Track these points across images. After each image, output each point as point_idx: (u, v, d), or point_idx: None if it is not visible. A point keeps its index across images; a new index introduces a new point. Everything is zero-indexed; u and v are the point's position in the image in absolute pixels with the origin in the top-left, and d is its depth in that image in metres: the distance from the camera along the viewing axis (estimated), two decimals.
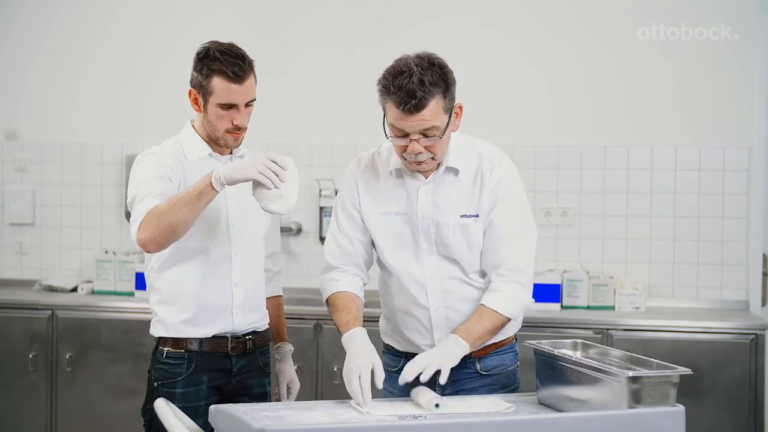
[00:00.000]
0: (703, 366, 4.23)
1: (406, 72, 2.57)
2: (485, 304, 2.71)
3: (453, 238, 2.74)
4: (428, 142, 2.62)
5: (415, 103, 2.55)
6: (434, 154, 2.67)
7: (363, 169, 2.84)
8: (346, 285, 2.81)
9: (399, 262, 2.79)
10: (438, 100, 2.59)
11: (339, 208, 2.86)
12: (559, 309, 4.65)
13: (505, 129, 4.86)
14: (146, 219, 2.68)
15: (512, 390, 2.84)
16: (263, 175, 2.59)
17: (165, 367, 2.92)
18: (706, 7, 4.82)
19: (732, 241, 4.79)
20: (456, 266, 2.77)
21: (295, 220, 5.11)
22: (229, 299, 2.94)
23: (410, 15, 5.06)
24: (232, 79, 2.82)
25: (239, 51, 2.88)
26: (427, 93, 2.56)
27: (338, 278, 2.82)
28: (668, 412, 2.29)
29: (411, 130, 2.60)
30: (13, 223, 5.41)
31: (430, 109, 2.58)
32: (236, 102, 2.85)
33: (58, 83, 5.40)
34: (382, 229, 2.80)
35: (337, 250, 2.84)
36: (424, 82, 2.56)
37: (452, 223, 2.74)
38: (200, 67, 2.86)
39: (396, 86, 2.57)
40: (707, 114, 4.84)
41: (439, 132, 2.62)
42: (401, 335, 2.85)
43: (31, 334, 4.77)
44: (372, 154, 2.87)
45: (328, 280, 2.84)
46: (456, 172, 2.76)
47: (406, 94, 2.55)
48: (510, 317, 2.73)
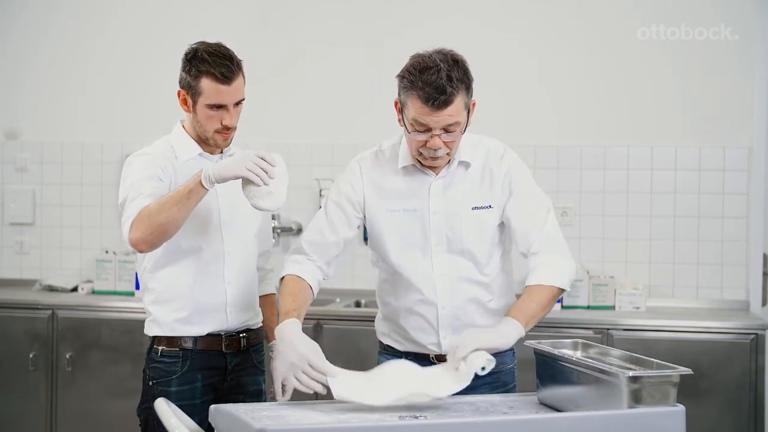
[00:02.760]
0: (703, 366, 4.23)
1: (434, 68, 2.57)
2: (529, 283, 2.69)
3: (466, 230, 2.75)
4: (449, 137, 2.64)
5: (444, 98, 2.56)
6: (451, 149, 2.68)
7: (369, 167, 2.83)
8: (305, 272, 2.77)
9: (406, 259, 2.78)
10: (462, 96, 2.61)
11: (332, 201, 2.83)
12: (560, 309, 4.65)
13: (505, 129, 4.85)
14: (137, 219, 2.70)
15: (511, 388, 2.85)
16: (252, 172, 2.61)
17: (160, 365, 2.94)
18: (706, 7, 4.82)
19: (732, 241, 4.79)
20: (467, 262, 2.78)
21: (295, 220, 5.11)
22: (222, 297, 2.96)
23: (410, 15, 5.06)
24: (220, 80, 2.83)
25: (227, 51, 2.89)
26: (455, 89, 2.58)
27: (301, 262, 2.79)
28: (668, 412, 2.29)
29: (435, 126, 2.61)
30: (13, 222, 5.41)
31: (455, 105, 2.59)
32: (225, 102, 2.86)
33: (58, 83, 5.40)
34: (389, 227, 2.79)
35: (317, 239, 2.81)
36: (452, 77, 2.57)
37: (465, 216, 2.76)
38: (188, 68, 2.88)
39: (424, 81, 2.57)
40: (707, 114, 4.83)
41: (460, 127, 2.64)
42: (403, 335, 2.84)
43: (31, 334, 4.77)
44: (374, 153, 2.86)
45: (292, 261, 2.81)
46: (467, 165, 2.78)
47: (435, 89, 2.56)
48: (560, 286, 2.69)
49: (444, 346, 2.78)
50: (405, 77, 2.63)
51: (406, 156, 2.77)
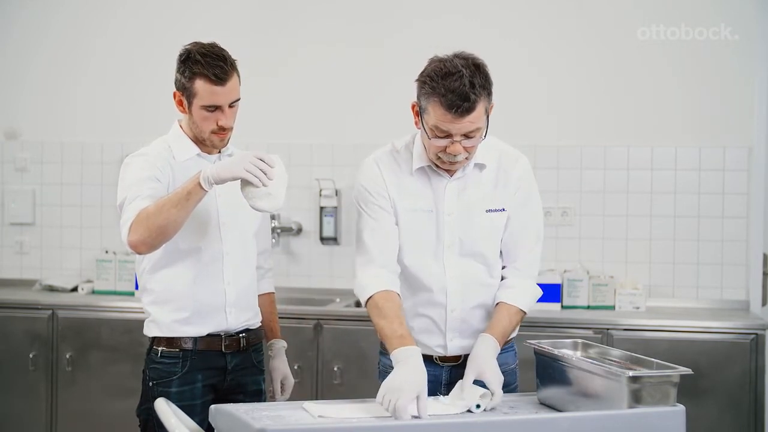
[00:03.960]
0: (703, 366, 4.23)
1: (456, 74, 2.55)
2: (507, 301, 2.75)
3: (480, 233, 2.76)
4: (469, 143, 2.62)
5: (467, 106, 2.54)
6: (470, 154, 2.67)
7: (386, 165, 2.79)
8: (388, 283, 2.69)
9: (418, 260, 2.77)
10: (484, 102, 2.59)
11: (371, 204, 2.76)
12: (560, 309, 4.65)
13: (505, 129, 4.83)
14: (136, 221, 2.70)
15: (512, 389, 2.84)
16: (251, 173, 2.61)
17: (160, 366, 2.93)
18: (706, 7, 4.82)
19: (732, 241, 4.79)
20: (478, 265, 2.78)
21: (296, 220, 5.11)
22: (222, 298, 2.95)
23: (410, 15, 5.05)
24: (214, 82, 2.83)
25: (221, 52, 2.88)
26: (477, 95, 2.56)
27: (381, 275, 2.71)
28: (668, 412, 2.29)
29: (456, 132, 2.59)
30: (13, 222, 5.41)
31: (477, 112, 2.57)
32: (220, 103, 2.86)
33: (58, 83, 5.40)
34: (404, 226, 2.77)
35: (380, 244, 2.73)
36: (474, 84, 2.55)
37: (479, 219, 2.76)
38: (182, 69, 2.87)
39: (446, 88, 2.54)
40: (707, 114, 4.83)
41: (481, 133, 2.63)
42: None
43: (31, 334, 4.77)
44: (389, 152, 2.82)
45: (370, 276, 2.70)
46: (482, 167, 2.77)
47: (458, 96, 2.54)
48: (527, 312, 2.79)
49: (450, 348, 2.79)
50: (426, 82, 2.59)
51: (421, 157, 2.75)
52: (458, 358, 2.79)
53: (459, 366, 2.74)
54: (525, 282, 2.79)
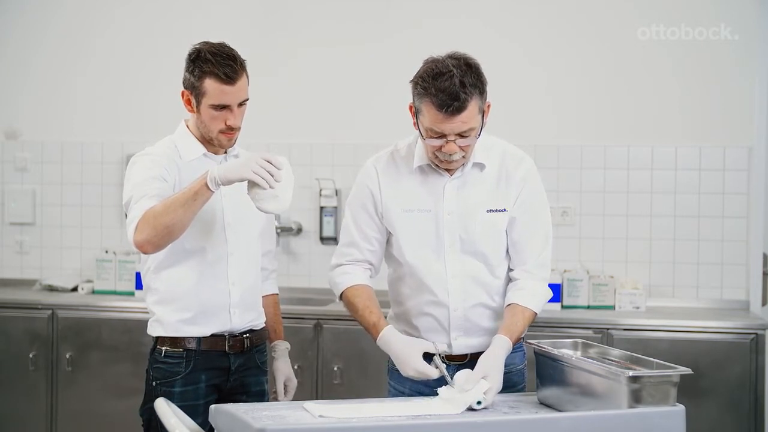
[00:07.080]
0: (703, 366, 4.23)
1: (446, 74, 2.56)
2: (520, 302, 2.75)
3: (480, 233, 2.76)
4: (464, 142, 2.64)
5: (457, 105, 2.56)
6: (467, 153, 2.69)
7: (384, 168, 2.82)
8: (357, 278, 2.83)
9: (420, 259, 2.78)
10: (476, 101, 2.60)
11: (357, 207, 2.84)
12: (560, 309, 4.65)
13: (505, 129, 4.83)
14: (142, 220, 2.69)
15: (521, 389, 2.85)
16: (258, 175, 2.61)
17: (163, 366, 2.93)
18: (706, 7, 4.82)
19: (732, 240, 4.79)
20: (480, 263, 2.78)
21: (296, 219, 5.11)
22: (226, 298, 2.95)
23: (410, 15, 5.05)
24: (224, 81, 2.83)
25: (230, 51, 2.88)
26: (468, 95, 2.57)
27: (350, 271, 2.84)
28: (668, 412, 2.29)
29: (449, 132, 2.61)
30: (13, 222, 5.41)
31: (469, 111, 2.59)
32: (229, 103, 2.86)
33: (58, 83, 5.40)
34: (404, 227, 2.79)
35: (353, 250, 2.85)
36: (465, 84, 2.56)
37: (479, 219, 2.76)
38: (192, 68, 2.87)
39: (437, 88, 2.56)
40: (707, 114, 4.83)
41: (475, 132, 2.65)
42: (416, 335, 2.82)
43: (31, 334, 4.77)
44: (390, 153, 2.85)
45: (340, 273, 2.86)
46: (482, 167, 2.78)
47: (448, 96, 2.55)
48: (538, 313, 2.79)
49: (455, 347, 2.80)
50: (419, 83, 2.62)
51: (422, 156, 2.77)
52: (464, 357, 2.80)
53: (465, 365, 2.73)
54: (536, 284, 2.80)
